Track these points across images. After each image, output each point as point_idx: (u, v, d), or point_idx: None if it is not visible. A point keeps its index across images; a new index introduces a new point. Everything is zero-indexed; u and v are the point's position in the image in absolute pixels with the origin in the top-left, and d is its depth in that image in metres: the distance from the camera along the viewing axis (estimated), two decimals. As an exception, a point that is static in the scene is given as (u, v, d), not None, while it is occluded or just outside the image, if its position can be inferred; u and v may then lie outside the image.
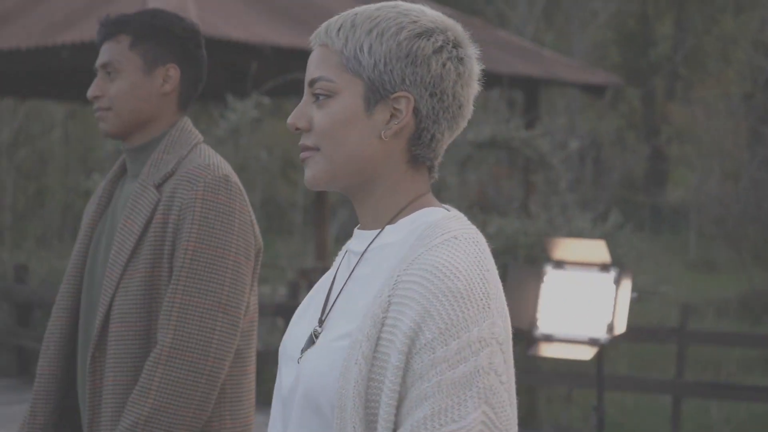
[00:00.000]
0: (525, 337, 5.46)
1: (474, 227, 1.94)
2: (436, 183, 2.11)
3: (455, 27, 1.96)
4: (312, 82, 1.94)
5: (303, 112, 1.95)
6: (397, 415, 1.82)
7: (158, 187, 3.09)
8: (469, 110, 1.98)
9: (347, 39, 1.91)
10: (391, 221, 1.94)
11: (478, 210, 12.24)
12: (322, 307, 1.99)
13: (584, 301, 5.33)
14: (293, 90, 15.32)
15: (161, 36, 3.19)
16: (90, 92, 3.18)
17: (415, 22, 1.92)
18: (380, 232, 1.94)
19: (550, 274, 5.40)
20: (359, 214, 1.98)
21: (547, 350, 5.35)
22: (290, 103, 23.84)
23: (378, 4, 1.95)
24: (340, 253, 2.06)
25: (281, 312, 10.79)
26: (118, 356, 3.04)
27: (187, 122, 3.23)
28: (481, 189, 16.93)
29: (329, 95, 1.92)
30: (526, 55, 16.45)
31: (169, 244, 3.04)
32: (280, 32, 13.13)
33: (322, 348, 1.91)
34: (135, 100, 3.16)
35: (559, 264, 5.40)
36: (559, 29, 28.21)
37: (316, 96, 1.93)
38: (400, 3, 1.97)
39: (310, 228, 22.84)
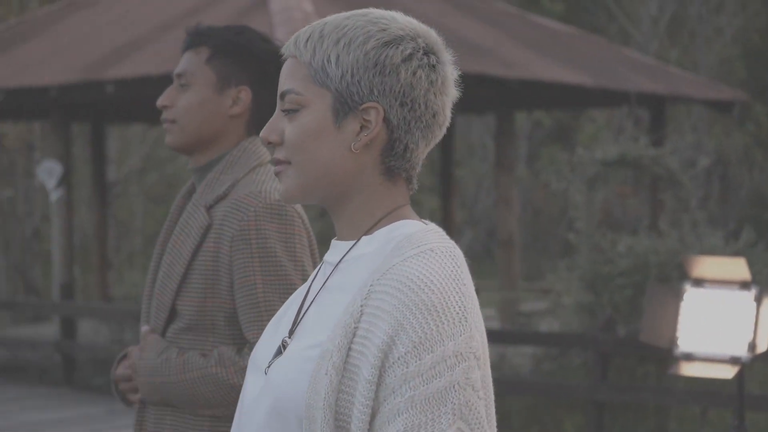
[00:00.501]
0: (664, 356, 5.42)
1: (452, 241, 1.89)
2: (564, 200, 2.06)
3: (427, 33, 1.91)
4: (282, 95, 1.91)
5: (275, 125, 1.92)
6: (369, 429, 1.76)
7: (209, 208, 2.97)
8: (444, 118, 1.92)
9: (315, 50, 1.88)
10: (368, 232, 1.90)
11: (607, 228, 12.17)
12: (293, 318, 1.94)
13: (725, 320, 5.28)
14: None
15: (240, 54, 3.06)
16: (159, 100, 3.08)
17: (383, 30, 1.87)
18: (356, 242, 1.90)
19: (690, 292, 5.35)
20: (336, 226, 1.94)
21: (687, 369, 5.30)
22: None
23: (349, 13, 1.91)
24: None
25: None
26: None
27: (252, 142, 3.09)
28: (606, 207, 16.81)
29: (298, 108, 1.89)
30: (651, 72, 16.30)
31: (225, 275, 2.92)
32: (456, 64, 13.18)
33: (291, 358, 1.86)
34: (201, 117, 3.04)
35: (699, 282, 5.35)
36: (683, 46, 27.85)
37: (287, 110, 1.90)
38: (372, 10, 1.92)
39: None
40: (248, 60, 3.05)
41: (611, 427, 10.21)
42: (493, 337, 11.71)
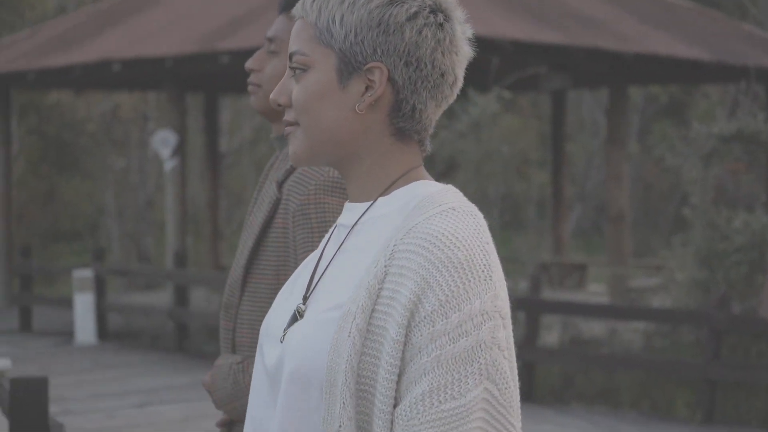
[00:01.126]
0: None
1: (471, 203, 1.85)
2: (675, 176, 1.96)
3: None
4: (291, 57, 1.87)
5: (284, 87, 1.89)
6: (396, 390, 1.72)
7: (281, 183, 2.89)
8: (455, 78, 1.86)
9: (320, 10, 1.84)
10: (383, 193, 1.85)
11: (723, 204, 12.01)
12: (307, 284, 1.89)
13: None
14: (530, 85, 15.31)
15: None
16: (247, 63, 2.99)
17: None
18: (372, 203, 1.85)
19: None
20: (348, 188, 1.90)
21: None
22: (526, 97, 23.82)
23: None
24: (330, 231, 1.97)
25: (523, 306, 10.82)
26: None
27: None
28: (718, 184, 16.58)
29: (304, 69, 1.85)
30: (769, 47, 16.01)
31: (293, 252, 2.85)
32: (520, 27, 13.14)
33: (309, 322, 1.81)
34: None
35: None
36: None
37: (294, 70, 1.87)
38: None
39: (544, 222, 22.78)
40: None
41: (723, 405, 10.10)
42: (604, 312, 11.63)
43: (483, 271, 1.74)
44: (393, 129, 1.84)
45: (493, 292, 1.74)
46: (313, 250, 2.67)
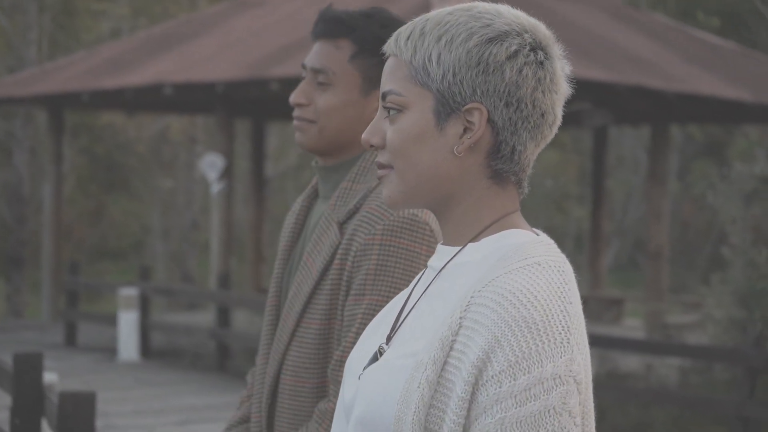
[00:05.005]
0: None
1: (562, 255, 1.77)
2: (712, 214, 1.89)
3: (535, 28, 1.78)
4: (383, 96, 1.80)
5: (377, 127, 1.81)
6: None
7: (342, 225, 2.70)
8: (554, 117, 1.79)
9: (416, 48, 1.77)
10: (474, 239, 1.78)
11: (763, 245, 12.14)
12: (392, 324, 1.83)
13: None
14: (573, 120, 15.49)
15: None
16: (293, 98, 2.76)
17: (487, 26, 1.75)
18: (461, 249, 1.79)
19: None
20: (442, 230, 1.83)
21: None
22: (568, 132, 23.97)
23: (452, 8, 1.79)
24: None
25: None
26: (293, 412, 2.74)
27: None
28: (756, 224, 16.67)
29: (399, 110, 1.78)
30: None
31: (344, 294, 2.67)
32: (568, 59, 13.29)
33: (384, 366, 1.76)
34: (343, 120, 2.74)
35: None
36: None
37: (388, 110, 1.80)
38: (477, 4, 1.80)
39: (582, 257, 22.87)
40: None
41: (757, 444, 10.19)
42: (640, 347, 11.75)
43: (560, 332, 1.66)
44: (490, 171, 1.78)
45: (569, 355, 1.66)
46: (362, 292, 2.62)
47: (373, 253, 2.61)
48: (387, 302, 2.51)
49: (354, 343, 2.55)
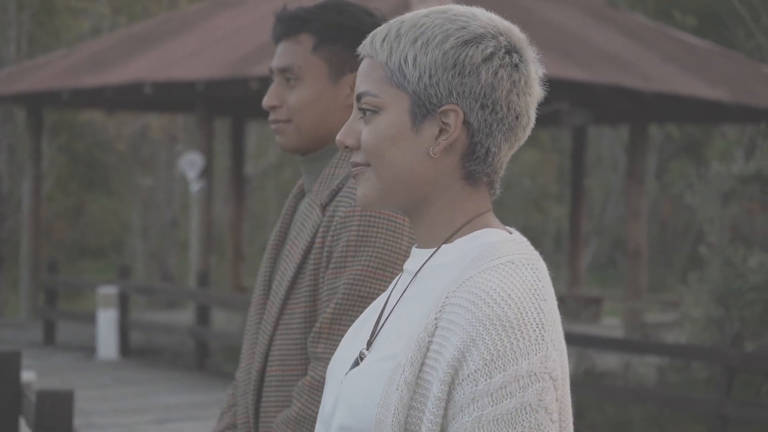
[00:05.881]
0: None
1: (536, 253, 1.79)
2: (690, 213, 1.84)
3: (510, 30, 1.79)
4: (358, 97, 1.81)
5: (352, 128, 1.82)
6: None
7: (324, 207, 2.66)
8: (528, 119, 1.80)
9: (391, 50, 1.78)
10: (448, 240, 1.79)
11: (740, 244, 12.20)
12: (372, 329, 1.84)
13: None
14: (552, 120, 15.54)
15: (350, 37, 2.69)
16: (266, 101, 2.73)
17: (463, 28, 1.76)
18: (435, 251, 1.79)
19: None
20: (416, 233, 1.84)
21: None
22: (547, 132, 24.04)
23: (427, 10, 1.80)
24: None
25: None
26: (282, 403, 2.67)
27: None
28: (735, 223, 16.76)
29: (375, 111, 1.78)
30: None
31: (323, 269, 2.61)
32: (544, 63, 13.33)
33: (364, 370, 1.77)
34: (318, 112, 2.72)
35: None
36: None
37: (363, 111, 1.80)
38: (453, 7, 1.80)
39: (560, 256, 22.95)
40: (358, 41, 2.38)
41: (734, 442, 10.25)
42: (619, 345, 11.81)
43: (534, 330, 1.67)
44: (464, 172, 1.79)
45: (543, 352, 1.67)
46: (343, 268, 2.58)
47: (353, 223, 2.56)
48: (370, 274, 2.56)
49: (334, 318, 2.56)
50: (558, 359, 1.69)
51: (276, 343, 2.64)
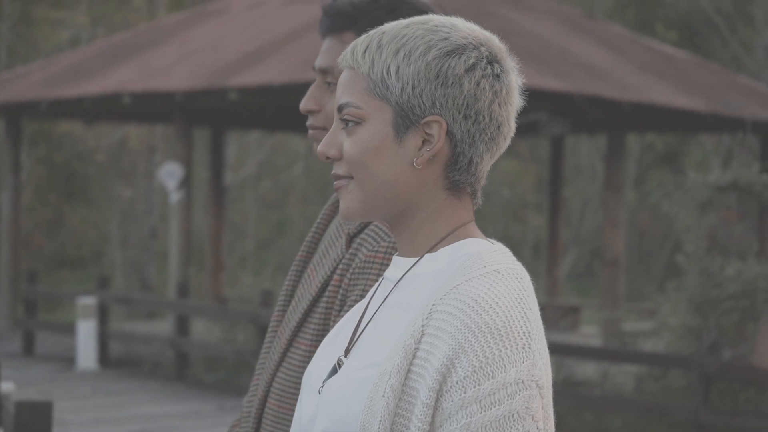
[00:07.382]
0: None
1: (519, 263, 1.79)
2: (668, 223, 1.77)
3: (490, 41, 1.79)
4: (340, 108, 1.80)
5: (333, 140, 1.81)
6: None
7: (351, 238, 2.46)
8: (509, 129, 1.81)
9: (373, 61, 1.77)
10: (431, 250, 1.80)
11: (717, 252, 12.29)
12: (350, 336, 1.83)
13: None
14: (530, 129, 15.61)
15: None
16: (303, 104, 2.50)
17: (445, 39, 1.77)
18: (419, 260, 1.79)
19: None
20: (398, 242, 1.84)
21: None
22: (526, 141, 24.12)
23: (407, 21, 1.80)
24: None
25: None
26: None
27: None
28: (712, 232, 16.86)
29: (358, 122, 1.78)
30: (764, 100, 16.35)
31: (336, 313, 2.44)
32: (522, 72, 13.40)
33: (346, 378, 1.76)
34: None
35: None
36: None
37: (345, 122, 1.79)
38: (433, 17, 1.81)
39: (539, 265, 23.02)
40: None
41: (711, 449, 10.32)
42: (597, 354, 11.87)
43: (522, 338, 1.68)
44: (448, 183, 1.79)
45: (531, 360, 1.68)
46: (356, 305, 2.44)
47: (373, 271, 2.36)
48: None
49: None
50: (543, 368, 1.71)
51: (278, 376, 2.50)
